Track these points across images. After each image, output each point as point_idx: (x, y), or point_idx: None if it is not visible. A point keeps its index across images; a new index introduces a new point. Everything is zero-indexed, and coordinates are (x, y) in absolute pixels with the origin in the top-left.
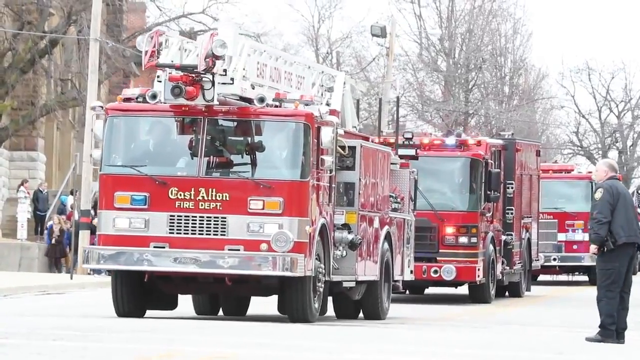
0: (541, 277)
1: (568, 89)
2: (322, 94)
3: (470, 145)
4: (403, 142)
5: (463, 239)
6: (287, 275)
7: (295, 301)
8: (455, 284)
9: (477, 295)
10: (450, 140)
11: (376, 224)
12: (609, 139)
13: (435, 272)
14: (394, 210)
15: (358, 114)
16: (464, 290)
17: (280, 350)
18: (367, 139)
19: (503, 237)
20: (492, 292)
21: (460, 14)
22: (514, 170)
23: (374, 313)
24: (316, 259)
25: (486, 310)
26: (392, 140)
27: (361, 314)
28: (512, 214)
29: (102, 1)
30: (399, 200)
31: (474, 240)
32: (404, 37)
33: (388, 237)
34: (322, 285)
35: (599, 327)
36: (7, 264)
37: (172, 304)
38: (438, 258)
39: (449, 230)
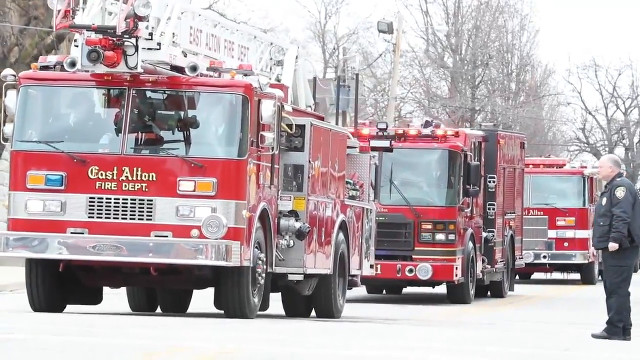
0: (534, 276)
1: (575, 85)
2: (270, 68)
3: (448, 136)
4: (377, 132)
5: (440, 236)
6: (221, 264)
7: (231, 294)
8: (431, 283)
9: (456, 296)
10: (427, 131)
11: (329, 212)
12: (615, 136)
13: (411, 271)
14: (352, 197)
15: (314, 93)
16: (444, 290)
17: (287, 346)
18: (321, 118)
19: (484, 234)
20: (472, 292)
21: (467, 10)
22: (495, 164)
23: (327, 311)
24: (256, 247)
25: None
26: (364, 131)
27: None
28: (493, 209)
29: None
30: (357, 187)
31: (451, 237)
32: (410, 33)
33: (343, 226)
34: (263, 278)
35: (606, 323)
36: (12, 260)
37: (95, 298)
38: (413, 256)
39: (425, 226)
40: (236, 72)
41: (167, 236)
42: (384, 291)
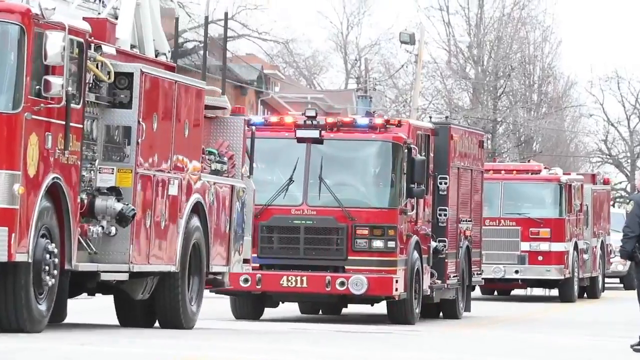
0: (511, 291)
1: (597, 97)
2: (101, 0)
3: (389, 127)
4: (305, 121)
5: (378, 243)
6: None
7: (3, 299)
8: (368, 299)
9: (397, 314)
10: (363, 120)
11: (174, 190)
12: (637, 148)
13: (342, 284)
14: (215, 172)
15: (177, 39)
16: None
17: (311, 357)
18: (171, 69)
19: (433, 244)
20: (417, 310)
21: (489, 22)
22: (448, 162)
23: (172, 319)
24: (43, 236)
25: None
26: (288, 119)
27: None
28: (445, 215)
29: None
30: (224, 159)
31: (391, 244)
32: (432, 44)
33: (199, 210)
34: (55, 277)
35: None
36: None
37: None
38: (346, 267)
39: (361, 231)
40: None
41: None
42: (320, 311)
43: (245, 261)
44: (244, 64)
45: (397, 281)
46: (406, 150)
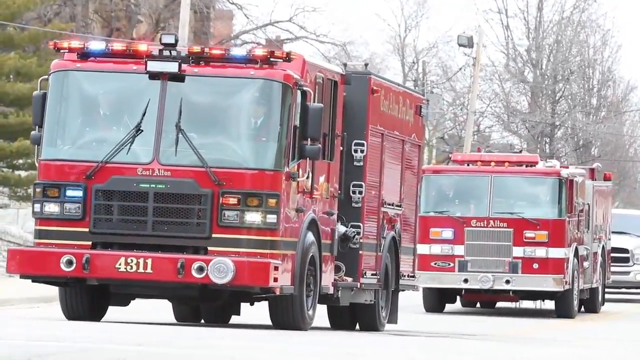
0: (499, 305)
1: None
2: None
3: (274, 61)
4: (160, 50)
5: (253, 217)
6: None
7: None
8: (236, 292)
9: (281, 316)
10: (240, 51)
11: None
12: None
13: (201, 270)
14: None
15: None
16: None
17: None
18: None
19: (340, 227)
20: (310, 312)
21: (548, 25)
22: (366, 123)
23: None
24: None
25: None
26: (142, 47)
27: None
28: (361, 193)
29: (190, 9)
30: None
31: (272, 218)
32: (490, 47)
33: None
34: None
35: None
36: None
37: None
38: (210, 248)
39: (230, 200)
40: None
41: None
42: (203, 319)
43: None
44: None
45: (276, 268)
46: (299, 94)
